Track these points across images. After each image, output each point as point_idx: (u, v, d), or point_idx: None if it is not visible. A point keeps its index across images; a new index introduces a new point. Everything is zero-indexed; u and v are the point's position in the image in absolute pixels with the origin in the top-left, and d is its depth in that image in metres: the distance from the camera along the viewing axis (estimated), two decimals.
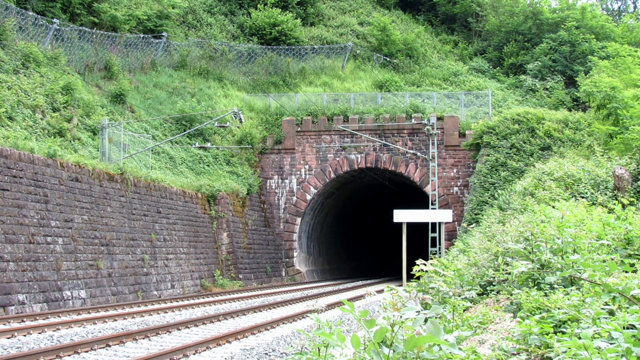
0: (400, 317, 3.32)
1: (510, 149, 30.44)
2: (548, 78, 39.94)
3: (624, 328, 4.14)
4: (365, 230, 52.39)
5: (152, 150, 29.68)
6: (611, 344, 3.92)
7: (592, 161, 20.36)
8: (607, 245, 7.45)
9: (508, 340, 5.19)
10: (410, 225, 31.13)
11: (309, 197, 36.08)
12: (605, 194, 15.60)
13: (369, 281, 38.89)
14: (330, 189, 38.07)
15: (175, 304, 21.30)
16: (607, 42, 39.98)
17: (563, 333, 4.81)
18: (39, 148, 20.09)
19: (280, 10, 44.43)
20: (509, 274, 7.45)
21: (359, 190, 43.80)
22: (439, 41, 47.42)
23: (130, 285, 22.67)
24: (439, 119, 34.68)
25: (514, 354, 4.96)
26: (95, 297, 20.51)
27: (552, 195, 16.05)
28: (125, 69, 34.33)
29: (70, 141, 24.31)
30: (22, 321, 15.51)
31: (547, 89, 39.35)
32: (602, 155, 20.26)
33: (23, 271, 17.69)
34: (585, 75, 33.78)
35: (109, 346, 12.66)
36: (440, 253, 29.77)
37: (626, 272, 5.73)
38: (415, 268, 7.79)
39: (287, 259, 36.21)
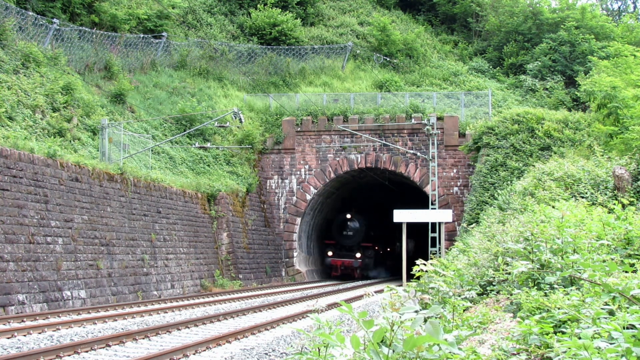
0: (400, 317, 3.32)
1: (510, 148, 30.40)
2: (548, 78, 39.91)
3: (624, 328, 4.14)
4: None
5: (152, 150, 29.67)
6: (611, 344, 3.92)
7: (592, 161, 20.29)
8: (607, 245, 7.44)
9: (508, 340, 5.18)
10: (410, 225, 31.11)
11: (308, 197, 36.07)
12: (605, 194, 15.56)
13: (368, 281, 38.88)
14: (330, 189, 38.06)
15: (175, 304, 21.30)
16: (608, 42, 39.93)
17: (563, 333, 4.81)
18: (39, 148, 20.08)
19: (280, 10, 44.41)
20: (509, 274, 7.44)
21: (359, 190, 43.79)
22: (439, 41, 47.40)
23: (130, 285, 22.66)
24: (439, 119, 34.65)
25: (514, 354, 4.95)
26: (95, 297, 20.51)
27: (552, 195, 16.02)
28: (125, 69, 34.31)
29: (70, 141, 24.30)
30: (22, 321, 15.51)
31: (547, 89, 39.32)
32: (602, 155, 20.20)
33: (23, 271, 17.68)
34: (585, 75, 33.71)
35: (109, 346, 12.66)
36: (440, 253, 29.76)
37: (626, 272, 5.73)
38: (415, 268, 7.79)
39: (287, 259, 36.20)
